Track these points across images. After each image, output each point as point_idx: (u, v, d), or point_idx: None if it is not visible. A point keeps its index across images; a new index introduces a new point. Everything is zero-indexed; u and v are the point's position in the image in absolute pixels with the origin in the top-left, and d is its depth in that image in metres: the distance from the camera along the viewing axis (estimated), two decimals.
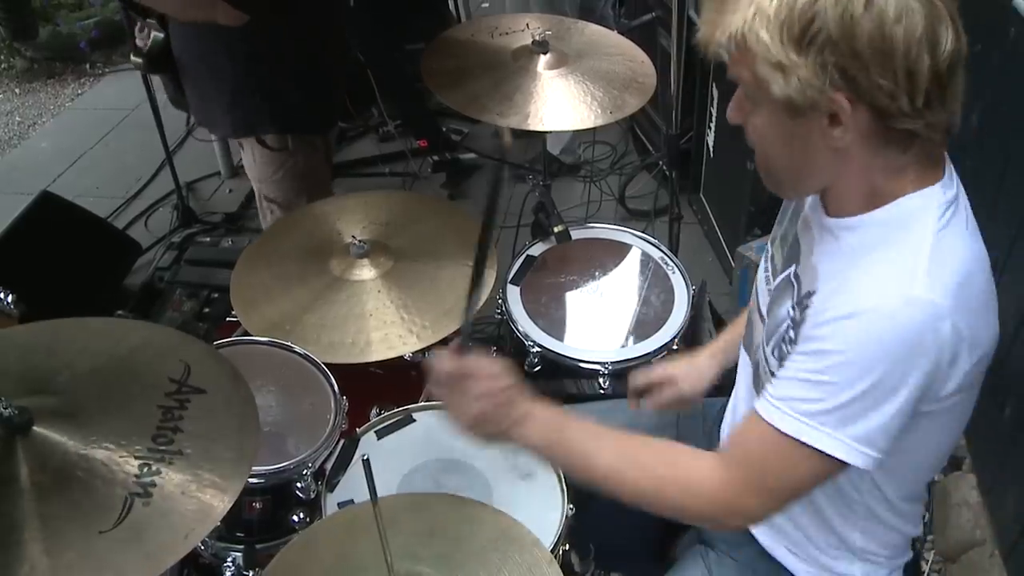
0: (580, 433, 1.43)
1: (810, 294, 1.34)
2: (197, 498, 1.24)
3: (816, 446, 1.25)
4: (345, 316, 2.05)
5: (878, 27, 1.13)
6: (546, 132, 2.64)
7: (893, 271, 1.23)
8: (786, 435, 1.27)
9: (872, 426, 1.23)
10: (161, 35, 2.45)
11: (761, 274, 1.58)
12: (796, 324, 1.35)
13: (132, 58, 2.53)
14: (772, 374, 1.39)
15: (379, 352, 1.98)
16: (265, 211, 2.71)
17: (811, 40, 1.15)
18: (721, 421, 1.79)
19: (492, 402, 1.43)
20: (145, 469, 1.25)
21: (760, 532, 1.60)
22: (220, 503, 1.24)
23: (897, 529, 1.51)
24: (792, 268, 1.45)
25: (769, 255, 1.58)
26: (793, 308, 1.39)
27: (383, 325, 2.03)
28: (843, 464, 1.26)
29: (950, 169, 1.32)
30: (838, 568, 1.54)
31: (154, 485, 1.23)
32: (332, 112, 2.79)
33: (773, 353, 1.42)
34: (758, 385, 1.52)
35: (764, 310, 1.51)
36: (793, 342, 1.35)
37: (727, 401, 1.73)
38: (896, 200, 1.27)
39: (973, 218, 1.33)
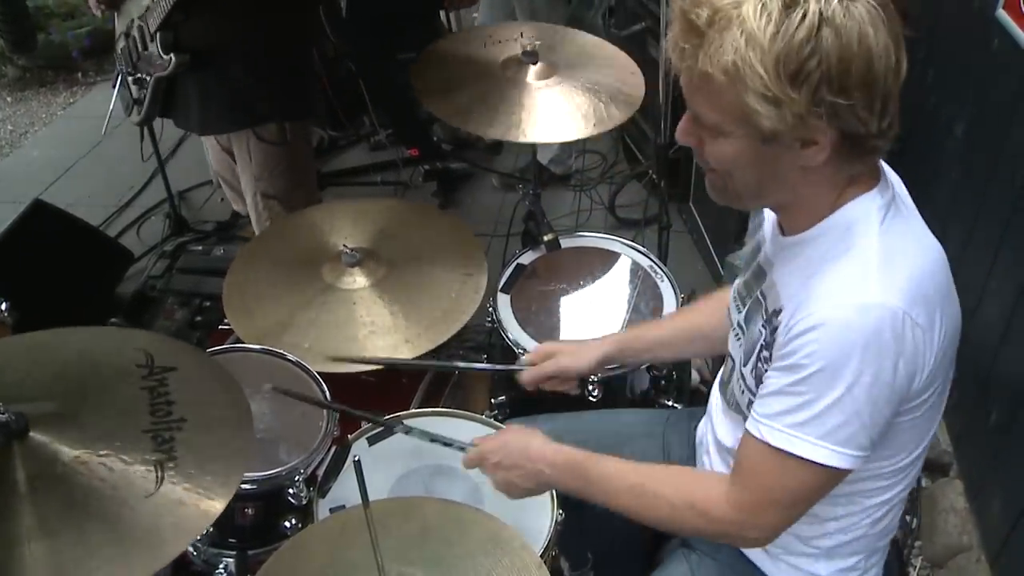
0: (598, 478, 1.53)
1: (776, 312, 1.38)
2: (193, 500, 1.26)
3: (806, 456, 1.30)
4: (337, 324, 2.07)
5: (866, 64, 1.18)
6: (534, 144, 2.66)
7: (845, 281, 1.28)
8: (778, 449, 1.32)
9: (854, 429, 1.28)
10: (171, 34, 2.47)
11: (733, 309, 1.61)
12: (768, 343, 1.39)
13: (161, 55, 2.54)
14: (752, 391, 1.44)
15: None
16: (262, 212, 2.72)
17: (807, 76, 1.17)
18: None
19: (510, 471, 1.59)
20: (144, 468, 1.27)
21: None
22: (215, 505, 1.26)
23: (867, 533, 1.53)
24: (758, 290, 1.49)
25: (736, 290, 1.62)
26: (763, 327, 1.43)
27: (375, 333, 2.04)
28: (837, 471, 1.31)
29: (884, 172, 1.37)
30: (811, 568, 1.56)
31: (152, 487, 1.25)
32: (317, 96, 2.84)
33: (752, 372, 1.46)
34: (729, 399, 1.58)
35: (737, 335, 1.56)
36: (768, 360, 1.38)
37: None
38: (838, 209, 1.32)
39: (916, 213, 1.39)
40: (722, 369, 1.69)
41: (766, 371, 1.38)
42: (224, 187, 3.05)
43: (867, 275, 1.26)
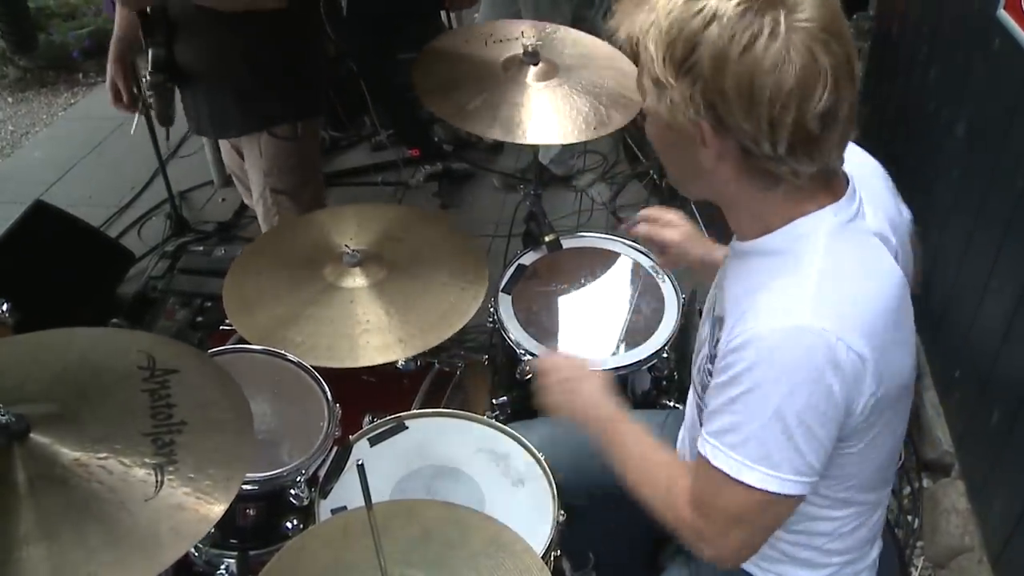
0: (620, 446, 1.54)
1: (720, 320, 1.36)
2: (193, 504, 1.25)
3: (741, 479, 1.27)
4: (338, 324, 2.07)
5: (747, 74, 1.15)
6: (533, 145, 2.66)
7: (783, 300, 1.24)
8: (717, 469, 1.29)
9: (788, 454, 1.25)
10: (162, 51, 2.48)
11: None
12: (712, 354, 1.37)
13: (149, 77, 2.56)
14: (699, 395, 1.44)
15: (372, 358, 2.00)
16: (271, 208, 2.72)
17: (689, 68, 1.18)
18: None
19: (562, 395, 1.65)
20: (144, 472, 1.27)
21: None
22: (214, 510, 1.26)
23: (847, 539, 1.51)
24: (713, 294, 1.49)
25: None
26: (711, 332, 1.42)
27: (376, 332, 2.05)
28: (776, 496, 1.27)
29: (851, 189, 1.32)
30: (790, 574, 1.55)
31: (151, 491, 1.25)
32: (325, 92, 2.85)
33: (698, 373, 1.46)
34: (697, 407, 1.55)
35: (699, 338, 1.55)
36: (711, 373, 1.36)
37: None
38: (790, 223, 1.29)
39: (879, 241, 1.33)
40: None
41: (710, 381, 1.35)
42: (237, 183, 3.06)
43: (803, 296, 1.23)
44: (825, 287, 1.23)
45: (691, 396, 1.61)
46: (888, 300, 1.29)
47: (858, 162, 1.39)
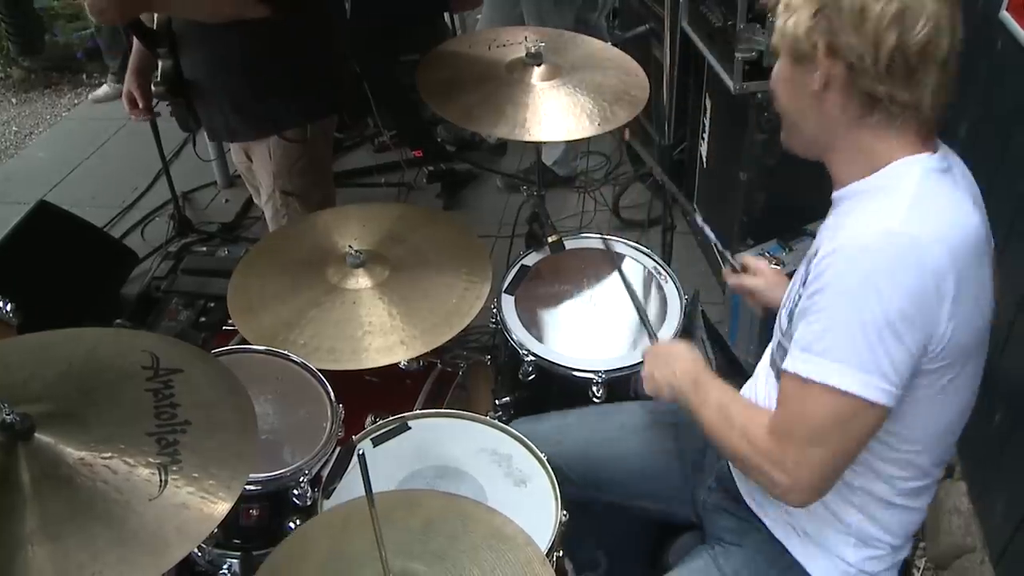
0: (702, 387, 1.61)
1: (815, 255, 1.43)
2: (199, 500, 1.26)
3: (827, 382, 1.32)
4: (341, 324, 2.07)
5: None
6: (539, 143, 2.66)
7: (874, 212, 1.35)
8: (804, 378, 1.35)
9: (876, 356, 1.30)
10: (169, 62, 2.49)
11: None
12: (804, 281, 1.44)
13: (154, 88, 2.57)
14: (782, 333, 1.51)
15: (375, 360, 2.00)
16: (281, 209, 2.72)
17: None
18: None
19: (665, 368, 1.71)
20: (148, 471, 1.27)
21: (768, 517, 1.66)
22: (218, 509, 1.26)
23: (896, 515, 1.54)
24: (812, 243, 1.54)
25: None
26: (804, 272, 1.48)
27: (379, 333, 2.05)
28: (863, 402, 1.31)
29: (946, 150, 1.44)
30: (839, 552, 1.57)
31: (155, 490, 1.25)
32: (341, 92, 2.86)
33: (785, 310, 1.52)
34: (773, 366, 1.59)
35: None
36: (800, 295, 1.44)
37: None
38: (888, 164, 1.39)
39: (980, 196, 1.46)
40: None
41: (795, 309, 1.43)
42: (246, 183, 3.07)
43: (895, 208, 1.33)
44: (916, 205, 1.33)
45: (762, 372, 1.67)
46: (973, 237, 1.37)
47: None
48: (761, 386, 1.66)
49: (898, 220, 1.31)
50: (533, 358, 2.16)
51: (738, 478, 1.74)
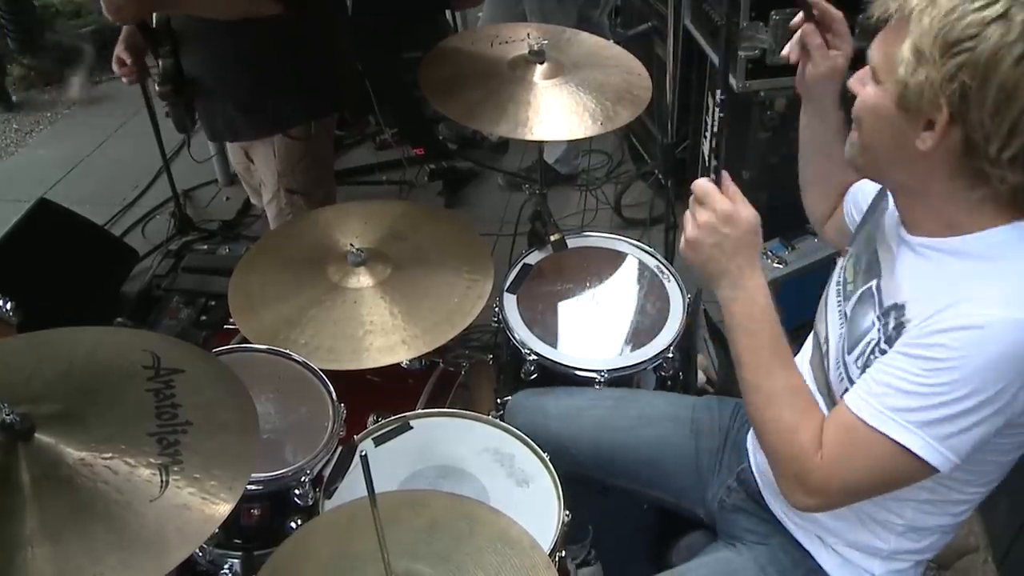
0: (760, 345, 1.45)
1: (898, 306, 1.37)
2: (200, 501, 1.25)
3: (899, 441, 1.27)
4: (342, 323, 2.07)
5: (1015, 80, 1.18)
6: (540, 142, 2.65)
7: (1006, 292, 1.24)
8: (872, 427, 1.30)
9: (957, 430, 1.26)
10: (170, 61, 2.48)
11: (833, 295, 1.61)
12: (890, 337, 1.36)
13: (156, 88, 2.56)
14: (852, 381, 1.42)
15: (376, 359, 2.00)
16: (285, 208, 2.71)
17: (958, 52, 1.19)
18: (735, 420, 1.86)
19: (709, 237, 1.48)
20: (149, 472, 1.27)
21: (793, 523, 1.65)
22: (220, 510, 1.26)
23: (935, 538, 1.54)
24: (874, 282, 1.47)
25: (840, 277, 1.61)
26: (879, 319, 1.41)
27: (380, 332, 2.04)
28: (922, 463, 1.27)
29: None
30: (866, 565, 1.57)
31: (156, 491, 1.24)
32: (344, 89, 2.86)
33: (857, 362, 1.44)
34: (819, 380, 1.56)
35: (839, 322, 1.54)
36: (885, 351, 1.36)
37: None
38: (983, 231, 1.31)
39: None
40: (811, 350, 1.65)
41: (875, 360, 1.36)
42: (243, 183, 3.07)
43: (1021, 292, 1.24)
44: None
45: (808, 376, 1.58)
46: None
47: None
48: None
49: None
50: (535, 357, 2.15)
51: (762, 483, 1.73)
